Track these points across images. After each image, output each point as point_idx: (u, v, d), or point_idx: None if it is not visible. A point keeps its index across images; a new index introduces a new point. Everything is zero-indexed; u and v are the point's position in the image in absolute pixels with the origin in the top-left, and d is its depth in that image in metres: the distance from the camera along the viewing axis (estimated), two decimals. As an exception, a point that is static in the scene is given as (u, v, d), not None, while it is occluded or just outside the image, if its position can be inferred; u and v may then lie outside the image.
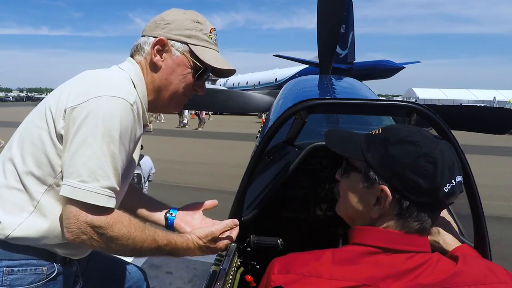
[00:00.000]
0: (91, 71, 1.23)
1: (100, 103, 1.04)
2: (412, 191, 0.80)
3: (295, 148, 2.38)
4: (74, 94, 1.08)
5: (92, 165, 1.01)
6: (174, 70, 1.26)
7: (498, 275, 0.83)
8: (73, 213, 1.01)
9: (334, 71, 3.72)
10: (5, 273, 1.06)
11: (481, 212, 1.39)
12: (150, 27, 1.29)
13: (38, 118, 1.13)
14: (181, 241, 1.20)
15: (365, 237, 0.86)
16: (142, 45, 1.27)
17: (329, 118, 3.04)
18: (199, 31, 1.27)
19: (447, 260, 0.84)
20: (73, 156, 1.01)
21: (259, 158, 1.64)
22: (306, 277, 0.83)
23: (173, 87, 1.27)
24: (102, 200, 1.02)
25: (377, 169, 0.84)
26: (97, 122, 1.02)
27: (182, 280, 2.48)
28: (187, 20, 1.26)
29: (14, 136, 1.19)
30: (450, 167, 0.80)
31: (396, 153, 0.82)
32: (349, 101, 1.62)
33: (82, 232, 1.02)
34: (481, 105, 24.57)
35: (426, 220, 0.83)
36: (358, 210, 0.90)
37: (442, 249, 1.05)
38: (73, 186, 1.00)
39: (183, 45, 1.25)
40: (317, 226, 2.22)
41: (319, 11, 2.94)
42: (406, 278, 0.79)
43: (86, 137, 1.01)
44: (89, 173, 1.00)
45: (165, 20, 1.26)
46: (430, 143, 0.82)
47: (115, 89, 1.08)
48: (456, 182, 0.81)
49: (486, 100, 45.17)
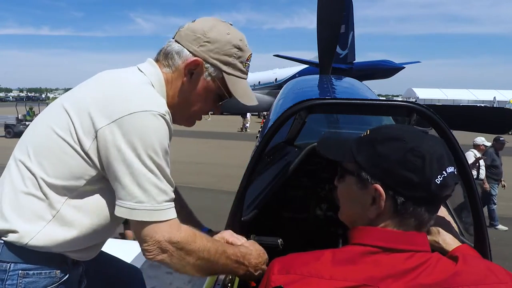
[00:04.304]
0: (111, 76, 1.16)
1: (135, 120, 1.01)
2: (404, 186, 0.81)
3: (295, 148, 2.38)
4: (101, 109, 1.03)
5: (146, 185, 1.01)
6: (199, 93, 1.21)
7: (498, 275, 0.83)
8: (148, 235, 1.03)
9: (334, 71, 3.72)
10: (20, 276, 1.06)
11: (481, 212, 1.39)
12: (188, 36, 1.19)
13: (58, 127, 1.07)
14: (247, 251, 1.22)
15: (364, 237, 0.86)
16: (174, 56, 1.19)
17: (329, 118, 3.04)
18: (237, 58, 1.21)
19: (447, 260, 0.84)
20: (123, 180, 1.01)
21: (259, 158, 1.64)
22: (306, 277, 0.83)
23: (194, 108, 1.24)
24: (167, 214, 1.04)
25: (368, 169, 0.85)
26: (136, 141, 1.00)
27: (182, 280, 2.48)
28: (228, 44, 1.19)
29: (29, 139, 1.13)
30: (439, 159, 0.80)
31: (383, 151, 0.83)
32: (349, 101, 1.62)
33: (162, 250, 1.04)
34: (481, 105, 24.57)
35: (423, 215, 0.83)
36: (356, 212, 0.91)
37: (442, 249, 1.05)
38: (132, 208, 1.01)
39: (217, 71, 1.19)
40: (317, 226, 2.22)
41: (319, 11, 2.94)
42: (406, 278, 0.79)
43: (129, 159, 1.00)
44: (145, 194, 1.01)
45: (207, 37, 1.17)
46: (416, 138, 0.83)
47: (147, 102, 1.04)
48: (447, 173, 0.81)
49: (486, 100, 45.19)
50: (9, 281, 1.05)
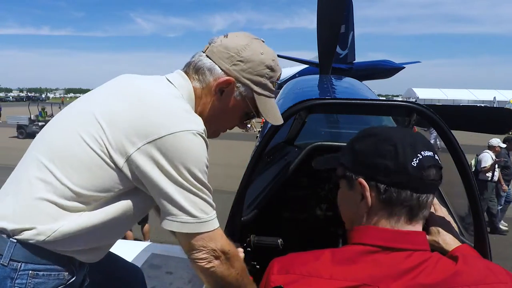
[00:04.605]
0: (142, 87, 1.13)
1: (176, 140, 1.01)
2: (383, 173, 0.85)
3: (295, 148, 2.38)
4: (139, 128, 1.02)
5: (194, 200, 1.04)
6: (228, 111, 1.22)
7: (498, 275, 0.83)
8: (202, 244, 1.07)
9: (334, 71, 3.72)
10: (30, 276, 1.05)
11: (481, 212, 1.39)
12: (220, 53, 1.18)
13: (89, 137, 1.04)
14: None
15: (363, 236, 0.86)
16: (205, 72, 1.18)
17: (329, 118, 3.04)
18: (269, 79, 1.21)
19: (447, 260, 0.84)
20: (172, 197, 1.03)
21: (259, 158, 1.64)
22: (306, 277, 0.83)
23: (220, 123, 1.24)
24: (214, 224, 1.08)
25: (351, 167, 0.91)
26: (179, 160, 1.01)
27: (182, 280, 2.48)
28: (261, 64, 1.18)
29: (55, 142, 1.09)
30: (412, 144, 0.85)
31: (360, 147, 0.91)
32: (349, 101, 1.62)
33: (215, 257, 1.09)
34: (481, 105, 24.57)
35: (410, 200, 0.84)
36: (352, 213, 0.93)
37: (442, 249, 1.04)
38: (184, 222, 1.04)
39: (248, 91, 1.19)
40: (317, 226, 2.22)
41: (319, 11, 2.94)
42: (405, 278, 0.79)
43: (175, 178, 1.02)
44: (195, 207, 1.04)
45: (240, 56, 1.16)
46: (388, 131, 0.91)
47: (186, 121, 1.04)
48: (423, 156, 0.84)
49: (486, 100, 45.18)
50: (19, 280, 1.04)
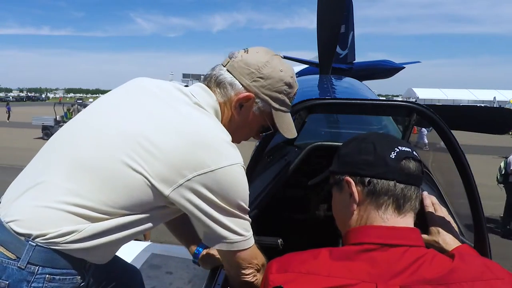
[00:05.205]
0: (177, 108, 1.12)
1: (225, 174, 1.06)
2: (364, 167, 0.91)
3: (295, 148, 2.38)
4: (186, 159, 1.03)
5: (240, 222, 1.12)
6: (245, 124, 1.26)
7: (495, 271, 0.83)
8: (248, 260, 1.16)
9: (334, 71, 3.72)
10: (46, 280, 1.06)
11: (481, 212, 1.39)
12: (241, 69, 1.20)
13: (128, 158, 1.03)
14: None
15: (358, 236, 0.88)
16: (227, 86, 1.21)
17: (329, 118, 3.04)
18: (286, 95, 1.24)
19: (443, 257, 0.85)
20: (221, 223, 1.09)
21: (259, 158, 1.64)
22: (304, 275, 0.83)
23: (237, 135, 1.25)
24: (252, 240, 1.17)
25: (338, 171, 0.98)
26: (227, 192, 1.07)
27: (182, 280, 2.48)
28: (280, 81, 1.21)
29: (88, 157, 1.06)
30: (389, 142, 0.94)
31: (344, 151, 0.99)
32: (349, 101, 1.62)
33: (258, 271, 1.19)
34: (481, 105, 24.56)
35: (394, 189, 0.88)
36: (344, 214, 0.95)
37: (442, 249, 1.05)
38: (234, 241, 1.12)
39: (266, 106, 1.23)
40: (317, 226, 2.22)
41: (319, 11, 2.94)
42: (403, 274, 0.80)
43: (223, 208, 1.08)
44: (241, 228, 1.12)
45: (260, 73, 1.19)
46: (368, 134, 1.00)
47: (232, 154, 1.09)
48: (400, 150, 0.91)
49: (486, 100, 45.20)
50: (35, 283, 1.04)
